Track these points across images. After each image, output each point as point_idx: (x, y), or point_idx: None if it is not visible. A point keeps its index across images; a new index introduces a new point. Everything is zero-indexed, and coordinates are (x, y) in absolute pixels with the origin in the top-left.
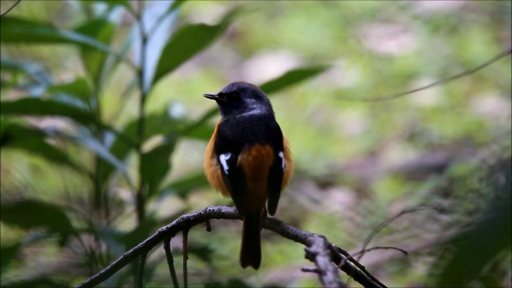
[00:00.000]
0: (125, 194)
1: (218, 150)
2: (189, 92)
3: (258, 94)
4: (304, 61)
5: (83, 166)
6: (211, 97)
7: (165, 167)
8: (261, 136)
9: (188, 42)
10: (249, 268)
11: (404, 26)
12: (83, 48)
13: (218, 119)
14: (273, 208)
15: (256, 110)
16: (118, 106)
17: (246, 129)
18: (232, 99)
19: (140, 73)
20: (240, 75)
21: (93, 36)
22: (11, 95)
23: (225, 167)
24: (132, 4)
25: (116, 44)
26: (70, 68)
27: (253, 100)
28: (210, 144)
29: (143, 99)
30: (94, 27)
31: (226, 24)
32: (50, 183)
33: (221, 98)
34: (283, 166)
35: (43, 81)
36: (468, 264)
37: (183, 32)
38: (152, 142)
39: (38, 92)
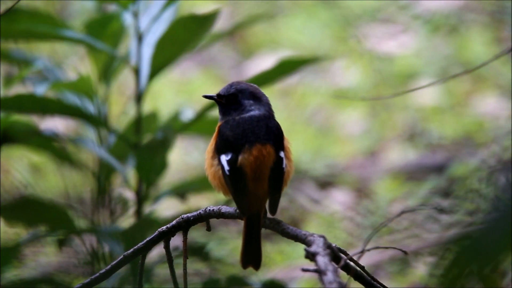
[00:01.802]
0: (127, 193)
1: (219, 150)
2: (189, 92)
3: (256, 95)
4: None
5: (85, 165)
6: (209, 97)
7: (162, 165)
8: (262, 136)
9: (180, 35)
10: (249, 268)
11: (404, 26)
12: (88, 47)
13: (216, 113)
14: (274, 208)
15: (255, 111)
16: (119, 106)
17: (247, 129)
18: (230, 101)
19: (136, 72)
20: (240, 75)
21: (99, 34)
22: (16, 91)
23: (226, 167)
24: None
25: (122, 45)
26: (70, 66)
27: (251, 102)
28: (211, 145)
29: (140, 97)
30: (101, 23)
31: (216, 15)
32: (50, 183)
33: (219, 99)
34: (284, 166)
35: (52, 77)
36: (470, 265)
37: (174, 25)
38: (147, 138)
39: (41, 89)
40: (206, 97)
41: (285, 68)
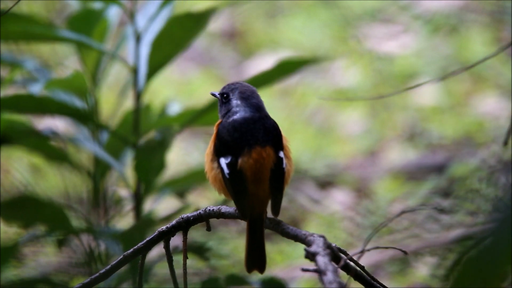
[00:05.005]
0: (124, 192)
1: (218, 153)
2: (189, 92)
3: (244, 94)
4: None
5: (81, 165)
6: (214, 95)
7: (160, 164)
8: (261, 138)
9: (176, 34)
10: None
11: (405, 26)
12: (78, 45)
13: (214, 114)
14: (277, 209)
15: (241, 112)
16: (115, 105)
17: (245, 133)
18: (223, 100)
19: (135, 71)
20: (240, 75)
21: (88, 32)
22: (9, 92)
23: (226, 170)
24: (126, 3)
25: (113, 43)
26: (69, 67)
27: (238, 102)
28: (209, 148)
29: (138, 97)
30: (88, 20)
31: (212, 12)
32: (50, 183)
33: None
34: (284, 166)
35: (42, 77)
36: (474, 272)
37: (170, 24)
38: (146, 138)
39: (36, 88)
40: (212, 94)
41: (285, 69)
